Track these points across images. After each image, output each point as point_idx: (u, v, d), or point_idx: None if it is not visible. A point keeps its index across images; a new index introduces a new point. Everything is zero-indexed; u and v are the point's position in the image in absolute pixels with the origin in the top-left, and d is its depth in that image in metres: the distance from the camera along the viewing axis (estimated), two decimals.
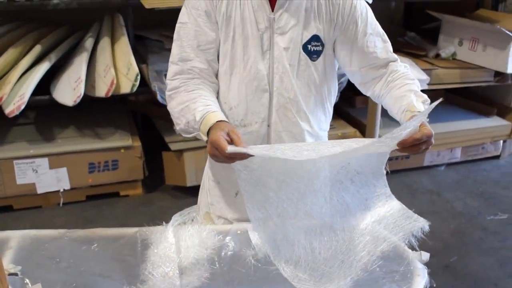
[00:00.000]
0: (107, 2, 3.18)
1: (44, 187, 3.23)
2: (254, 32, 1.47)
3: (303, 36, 1.49)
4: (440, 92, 4.54)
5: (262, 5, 1.46)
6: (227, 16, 1.47)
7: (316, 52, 1.51)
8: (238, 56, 1.49)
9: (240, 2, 1.47)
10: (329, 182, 1.36)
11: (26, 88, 2.92)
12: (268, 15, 1.46)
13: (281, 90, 1.51)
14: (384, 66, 1.54)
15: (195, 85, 1.47)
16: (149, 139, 3.63)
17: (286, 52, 1.49)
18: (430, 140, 1.36)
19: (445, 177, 3.86)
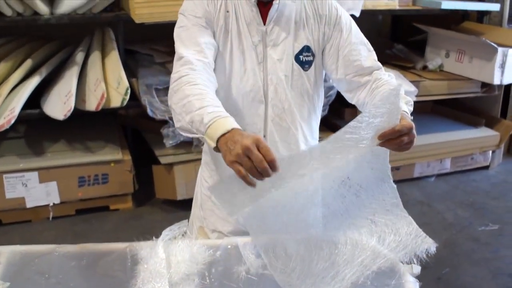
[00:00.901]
0: (98, 17, 3.18)
1: (34, 201, 3.21)
2: (249, 45, 1.50)
3: (295, 47, 1.53)
4: (428, 104, 4.59)
5: (254, 19, 1.50)
6: (225, 29, 1.50)
7: (308, 62, 1.55)
8: (235, 68, 1.51)
9: (236, 16, 1.50)
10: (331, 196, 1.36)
11: (17, 102, 2.92)
12: (260, 28, 1.50)
13: (276, 101, 1.53)
14: (369, 74, 1.56)
15: (201, 79, 1.36)
16: (139, 153, 3.62)
17: (279, 63, 1.52)
18: (411, 133, 1.30)
19: (435, 188, 3.88)
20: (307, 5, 1.55)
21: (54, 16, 3.10)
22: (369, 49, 1.59)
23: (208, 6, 1.49)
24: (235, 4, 1.50)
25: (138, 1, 2.91)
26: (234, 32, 1.50)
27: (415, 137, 1.31)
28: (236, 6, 1.50)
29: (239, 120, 1.50)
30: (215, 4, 1.50)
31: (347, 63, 1.55)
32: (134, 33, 3.41)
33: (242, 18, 1.50)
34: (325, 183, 1.36)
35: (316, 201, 1.36)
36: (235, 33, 1.50)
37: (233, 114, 1.48)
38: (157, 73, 3.32)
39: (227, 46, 1.51)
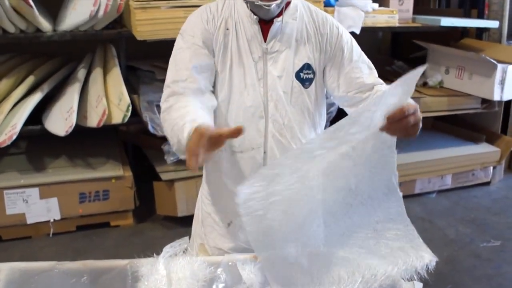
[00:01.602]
0: (100, 34, 3.21)
1: (34, 217, 3.20)
2: (249, 61, 1.52)
3: (295, 64, 1.55)
4: (429, 120, 4.60)
5: (255, 36, 1.52)
6: (224, 46, 1.52)
7: (308, 79, 1.57)
8: (235, 84, 1.53)
9: (236, 33, 1.52)
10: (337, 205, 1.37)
11: (18, 119, 2.93)
12: (261, 45, 1.52)
13: (276, 116, 1.55)
14: (370, 89, 1.58)
15: (186, 101, 1.44)
16: (140, 169, 3.62)
17: (279, 80, 1.54)
18: (417, 113, 1.31)
19: (437, 204, 3.87)
20: (308, 24, 1.57)
21: (56, 33, 3.12)
22: (370, 67, 1.61)
23: (207, 25, 1.52)
24: (236, 22, 1.53)
25: (139, 18, 2.94)
26: (234, 48, 1.52)
27: (421, 120, 1.33)
28: (236, 23, 1.53)
29: (239, 137, 1.53)
30: (215, 22, 1.53)
31: (349, 81, 1.57)
32: (136, 50, 3.43)
33: (243, 35, 1.52)
34: (330, 192, 1.36)
35: (321, 212, 1.36)
36: (234, 50, 1.52)
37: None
38: (159, 90, 3.29)
39: (227, 62, 1.53)
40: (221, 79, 1.54)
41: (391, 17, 3.72)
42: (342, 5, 3.51)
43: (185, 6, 2.98)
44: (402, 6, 3.89)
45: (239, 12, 1.54)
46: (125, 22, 3.31)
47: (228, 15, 1.54)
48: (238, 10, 1.54)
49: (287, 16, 1.53)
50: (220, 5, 1.57)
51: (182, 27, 1.57)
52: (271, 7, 1.48)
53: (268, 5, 1.47)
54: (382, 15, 3.69)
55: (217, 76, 1.54)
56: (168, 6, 2.96)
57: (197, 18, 1.55)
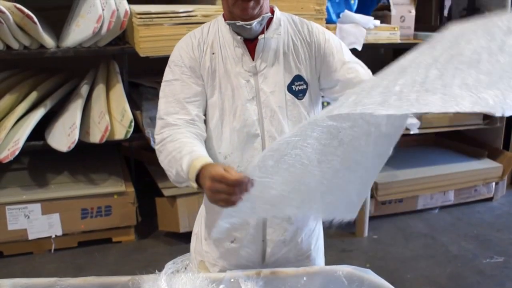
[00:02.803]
0: (103, 50, 3.23)
1: (36, 233, 3.20)
2: (239, 81, 1.52)
3: (286, 78, 1.55)
4: (431, 136, 4.61)
5: (242, 56, 1.53)
6: (212, 70, 1.53)
7: (301, 91, 1.56)
8: (226, 107, 1.53)
9: (222, 56, 1.53)
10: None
11: (21, 134, 2.94)
12: (249, 64, 1.53)
13: (272, 132, 1.54)
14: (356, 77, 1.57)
15: (180, 134, 1.47)
16: (142, 185, 3.62)
17: (272, 95, 1.53)
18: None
19: (439, 220, 3.86)
20: (294, 35, 1.57)
21: (60, 49, 3.14)
22: (363, 66, 1.61)
23: (193, 53, 1.54)
24: (221, 45, 1.54)
25: (142, 35, 2.96)
26: (221, 72, 1.53)
27: None
28: (222, 46, 1.54)
29: (237, 157, 1.55)
30: (200, 48, 1.54)
31: (346, 82, 1.56)
32: (139, 66, 3.46)
33: (229, 57, 1.53)
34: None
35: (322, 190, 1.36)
36: (222, 73, 1.53)
37: (230, 151, 1.55)
38: None
39: (216, 86, 1.53)
40: (212, 103, 1.54)
41: (392, 33, 3.75)
42: (344, 22, 3.54)
43: (188, 23, 3.01)
44: (404, 23, 3.92)
45: (223, 34, 1.54)
46: (128, 39, 3.34)
47: (213, 39, 1.55)
48: (223, 32, 1.55)
49: (270, 32, 1.54)
50: (205, 29, 1.58)
51: (170, 57, 1.59)
52: (252, 25, 1.49)
53: (249, 24, 1.49)
54: (383, 32, 3.71)
55: (208, 101, 1.55)
56: (171, 23, 2.99)
57: (183, 46, 1.57)
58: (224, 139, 1.55)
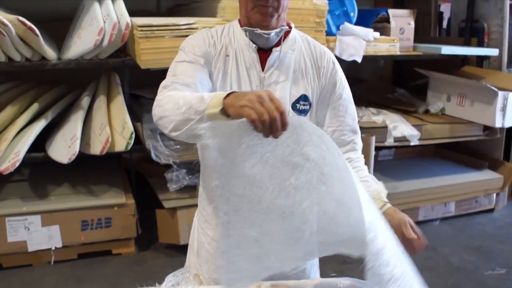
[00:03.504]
0: (104, 62, 3.24)
1: (36, 245, 3.19)
2: (247, 89, 1.52)
3: (292, 95, 1.54)
4: (431, 147, 4.61)
5: (253, 64, 1.52)
6: (224, 72, 1.52)
7: (304, 111, 1.56)
8: None
9: (236, 60, 1.53)
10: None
11: (22, 146, 2.94)
12: (258, 74, 1.52)
13: None
14: (350, 135, 1.60)
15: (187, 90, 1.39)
16: (142, 197, 3.62)
17: None
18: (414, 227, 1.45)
19: (441, 232, 3.85)
20: (306, 55, 1.57)
21: (61, 61, 3.15)
22: (354, 110, 1.62)
23: (208, 47, 1.52)
24: (235, 50, 1.53)
25: (144, 47, 2.97)
26: (233, 76, 1.52)
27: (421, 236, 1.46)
28: (236, 51, 1.53)
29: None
30: (216, 46, 1.53)
31: (333, 116, 1.58)
32: (139, 78, 3.47)
33: (242, 63, 1.53)
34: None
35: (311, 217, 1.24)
36: (234, 77, 1.52)
37: None
38: None
39: (227, 88, 1.52)
40: None
41: (392, 45, 3.77)
42: (344, 34, 3.56)
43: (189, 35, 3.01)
44: (403, 34, 3.94)
45: (238, 40, 1.54)
46: (129, 51, 3.36)
47: (228, 42, 1.54)
48: (238, 38, 1.55)
49: (286, 47, 1.54)
50: (219, 31, 1.57)
51: (182, 43, 1.55)
52: (270, 36, 1.50)
53: (267, 33, 1.49)
54: (383, 44, 3.74)
55: None
56: (172, 36, 3.01)
57: (199, 38, 1.54)
58: None
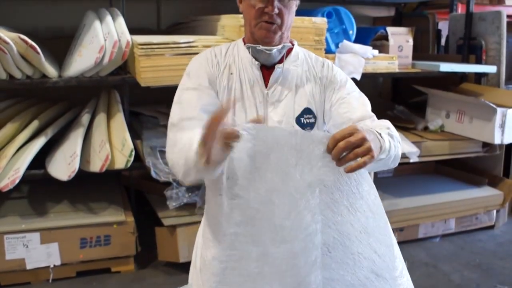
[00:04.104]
0: (105, 80, 3.26)
1: (34, 262, 3.16)
2: (251, 106, 1.55)
3: (295, 109, 1.57)
4: (431, 164, 4.61)
5: (257, 81, 1.56)
6: (228, 89, 1.56)
7: (309, 124, 1.58)
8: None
9: (240, 78, 1.56)
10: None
11: (22, 163, 2.94)
12: (262, 90, 1.55)
13: None
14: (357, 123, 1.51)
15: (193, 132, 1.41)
16: (142, 215, 3.61)
17: (279, 125, 1.55)
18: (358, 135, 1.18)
19: (441, 249, 3.83)
20: (308, 70, 1.61)
21: (62, 79, 3.17)
22: (363, 103, 1.59)
23: (212, 68, 1.56)
24: (239, 67, 1.57)
25: (144, 65, 2.99)
26: (237, 92, 1.55)
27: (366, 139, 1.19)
28: (240, 68, 1.57)
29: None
30: (219, 66, 1.57)
31: (337, 116, 1.58)
32: (139, 96, 3.48)
33: (245, 81, 1.56)
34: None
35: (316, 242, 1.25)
36: (238, 94, 1.55)
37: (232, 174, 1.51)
38: (162, 135, 3.36)
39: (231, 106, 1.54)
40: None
41: (391, 63, 3.79)
42: (343, 52, 3.58)
43: (189, 53, 3.04)
44: (402, 52, 3.97)
45: (242, 58, 1.58)
46: (130, 69, 3.37)
47: (232, 61, 1.58)
48: (241, 56, 1.58)
49: (288, 63, 1.58)
50: (223, 50, 1.61)
51: (188, 67, 1.60)
52: (272, 52, 1.53)
53: (270, 50, 1.53)
54: (382, 61, 3.76)
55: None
56: (172, 54, 3.03)
57: (203, 60, 1.59)
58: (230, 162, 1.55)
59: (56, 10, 3.92)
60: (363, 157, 1.19)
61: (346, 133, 1.18)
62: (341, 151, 1.17)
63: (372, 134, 1.25)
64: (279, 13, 1.49)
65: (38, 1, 3.89)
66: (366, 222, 1.27)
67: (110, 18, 3.17)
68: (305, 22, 3.29)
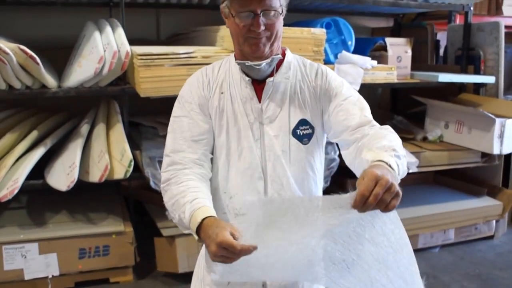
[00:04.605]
0: (104, 90, 3.27)
1: (32, 273, 3.15)
2: (245, 123, 1.53)
3: (291, 122, 1.55)
4: (430, 174, 4.61)
5: (249, 97, 1.54)
6: (220, 110, 1.54)
7: (307, 135, 1.56)
8: (232, 147, 1.54)
9: (231, 96, 1.55)
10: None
11: (21, 173, 2.94)
12: (255, 105, 1.54)
13: (274, 177, 1.54)
14: (356, 131, 1.50)
15: (185, 175, 1.48)
16: (141, 225, 3.60)
17: (276, 139, 1.54)
18: (382, 182, 1.16)
19: (440, 259, 3.82)
20: (301, 79, 1.58)
21: (61, 89, 3.17)
22: (361, 107, 1.54)
23: (203, 91, 1.56)
24: (230, 85, 1.55)
25: (143, 76, 3.00)
26: (229, 112, 1.54)
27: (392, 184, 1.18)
28: (231, 86, 1.55)
29: (240, 198, 1.53)
30: (210, 87, 1.56)
31: (336, 124, 1.54)
32: (139, 106, 3.49)
33: (237, 98, 1.54)
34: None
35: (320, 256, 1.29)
36: (230, 113, 1.54)
37: (235, 193, 1.54)
38: (161, 146, 3.36)
39: (223, 126, 1.55)
40: (219, 144, 1.55)
41: (389, 73, 3.80)
42: (342, 62, 3.60)
43: (188, 64, 3.05)
44: (400, 63, 3.98)
45: (233, 74, 1.56)
46: (129, 79, 3.38)
47: (223, 78, 1.57)
48: (232, 72, 1.57)
49: (279, 76, 1.55)
50: (216, 68, 1.60)
51: (180, 91, 1.61)
52: (262, 66, 1.50)
53: (258, 65, 1.50)
54: (381, 72, 3.77)
55: (215, 140, 1.56)
56: (172, 64, 3.04)
57: (194, 82, 1.59)
58: (230, 180, 1.55)
59: (56, 20, 3.94)
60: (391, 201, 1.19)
61: (371, 185, 1.16)
62: (372, 206, 1.17)
63: (388, 172, 1.23)
64: (266, 27, 1.46)
65: (38, 12, 3.92)
66: (386, 256, 1.29)
67: (109, 29, 3.18)
68: (304, 33, 3.31)
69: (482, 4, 4.79)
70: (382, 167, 1.24)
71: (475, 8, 4.55)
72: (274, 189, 1.54)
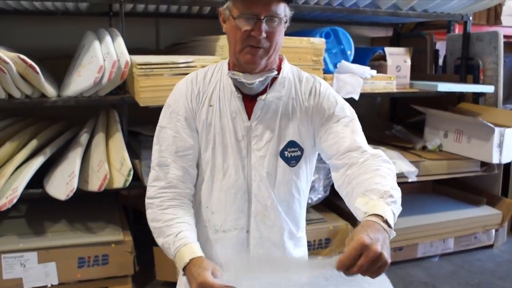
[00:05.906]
0: (103, 100, 3.27)
1: (31, 282, 3.14)
2: (232, 140, 1.49)
3: (280, 143, 1.50)
4: (429, 183, 4.61)
5: (239, 114, 1.49)
6: (207, 124, 1.50)
7: (295, 157, 1.51)
8: (218, 164, 1.50)
9: (220, 110, 1.49)
10: None
11: (20, 182, 2.94)
12: (245, 123, 1.49)
13: (259, 197, 1.51)
14: (345, 156, 1.45)
15: (169, 200, 1.47)
16: (140, 234, 3.59)
17: (263, 160, 1.49)
18: (369, 254, 1.11)
19: (440, 269, 3.81)
20: (295, 99, 1.52)
21: (61, 98, 3.18)
22: (353, 130, 1.49)
23: (191, 103, 1.51)
24: (220, 98, 1.50)
25: (143, 85, 3.01)
26: (217, 127, 1.49)
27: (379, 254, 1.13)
28: (221, 100, 1.50)
29: (223, 216, 1.51)
30: (199, 98, 1.51)
31: (327, 148, 1.50)
32: (138, 115, 3.49)
33: (226, 112, 1.49)
34: None
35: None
36: (218, 129, 1.49)
37: (217, 209, 1.51)
38: None
39: (210, 141, 1.50)
40: (205, 158, 1.51)
41: (389, 83, 3.82)
42: (341, 72, 3.61)
43: (187, 73, 3.03)
44: (400, 72, 4.00)
45: (224, 86, 1.50)
46: (128, 88, 3.39)
47: (213, 89, 1.51)
48: (224, 83, 1.51)
49: (272, 94, 1.48)
50: (208, 75, 1.54)
51: (168, 99, 1.57)
52: (254, 85, 1.45)
53: (251, 84, 1.45)
54: (380, 81, 3.78)
55: (201, 155, 1.52)
56: (171, 74, 3.04)
57: (182, 91, 1.53)
58: (213, 196, 1.52)
59: (55, 30, 3.96)
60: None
61: (355, 256, 1.12)
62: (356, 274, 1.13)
63: (379, 234, 1.17)
64: (267, 36, 1.39)
65: (38, 21, 3.93)
66: None
67: (109, 38, 3.20)
68: (303, 42, 3.32)
69: (481, 13, 4.80)
70: (374, 227, 1.18)
71: (474, 18, 4.57)
72: (258, 210, 1.52)
